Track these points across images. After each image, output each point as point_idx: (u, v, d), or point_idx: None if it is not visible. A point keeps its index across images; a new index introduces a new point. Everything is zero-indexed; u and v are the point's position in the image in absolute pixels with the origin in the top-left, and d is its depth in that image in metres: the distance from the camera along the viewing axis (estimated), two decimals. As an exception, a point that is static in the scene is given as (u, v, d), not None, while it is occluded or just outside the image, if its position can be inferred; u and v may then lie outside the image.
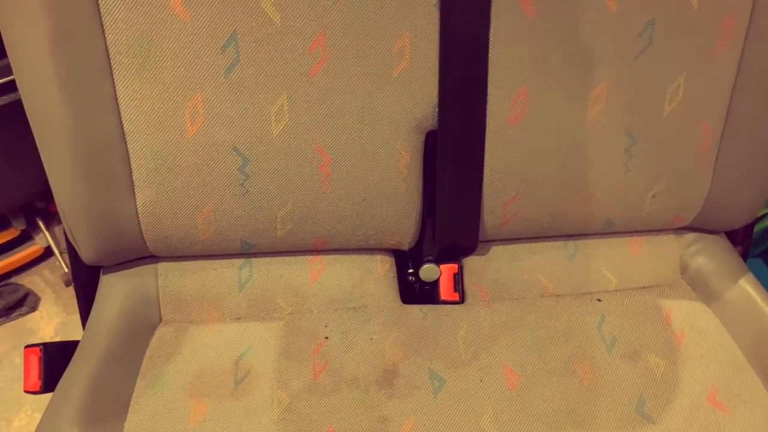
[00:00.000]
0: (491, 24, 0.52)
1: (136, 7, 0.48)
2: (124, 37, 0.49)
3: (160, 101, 0.52)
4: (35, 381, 0.57)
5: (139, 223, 0.56)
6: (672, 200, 0.61)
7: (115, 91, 0.51)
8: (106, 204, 0.55)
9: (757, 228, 0.95)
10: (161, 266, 0.62)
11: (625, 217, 0.62)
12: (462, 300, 0.64)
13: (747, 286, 0.62)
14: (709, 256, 0.65)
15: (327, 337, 0.60)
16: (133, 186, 0.55)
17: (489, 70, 0.53)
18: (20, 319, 1.11)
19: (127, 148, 0.53)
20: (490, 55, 0.53)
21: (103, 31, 0.49)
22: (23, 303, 1.12)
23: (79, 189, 0.54)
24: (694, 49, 0.54)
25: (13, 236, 1.13)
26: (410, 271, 0.66)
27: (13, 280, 1.16)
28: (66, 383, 0.54)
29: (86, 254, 0.58)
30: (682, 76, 0.55)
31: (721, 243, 0.66)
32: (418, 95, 0.54)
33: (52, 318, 1.11)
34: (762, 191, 0.61)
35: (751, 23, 0.54)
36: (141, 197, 0.55)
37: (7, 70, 0.88)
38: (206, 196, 0.56)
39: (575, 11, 0.52)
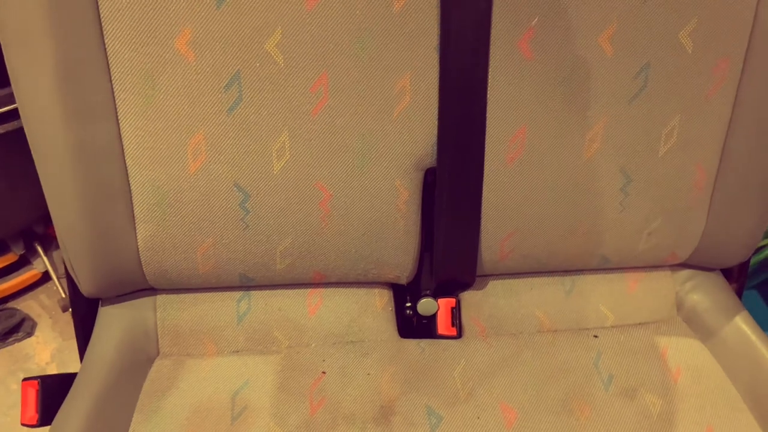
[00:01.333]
0: (490, 65, 0.53)
1: (141, 48, 0.49)
2: (129, 75, 0.50)
3: (163, 138, 0.52)
4: (32, 414, 0.56)
5: (139, 256, 0.57)
6: (667, 238, 0.61)
7: (118, 127, 0.52)
8: (108, 238, 0.55)
9: (753, 260, 0.95)
10: (160, 298, 0.62)
11: (620, 254, 0.62)
12: (459, 335, 0.64)
13: (742, 324, 0.62)
14: (705, 293, 0.65)
15: (324, 372, 0.60)
16: (134, 220, 0.55)
17: (487, 110, 0.54)
18: (17, 344, 1.10)
19: (129, 183, 0.54)
20: (488, 95, 0.54)
21: (109, 69, 0.50)
22: (20, 328, 1.11)
23: (81, 223, 0.54)
24: (688, 92, 0.55)
25: (12, 261, 1.13)
26: (408, 305, 0.67)
27: (10, 304, 1.15)
28: (63, 417, 0.54)
29: (86, 287, 0.58)
30: (676, 118, 0.56)
31: (716, 280, 0.67)
32: (417, 134, 0.55)
33: (49, 343, 1.11)
34: (756, 230, 0.62)
35: (745, 67, 0.55)
36: (142, 231, 0.55)
37: (9, 99, 0.89)
38: (207, 230, 0.56)
39: (572, 54, 0.53)
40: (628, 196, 0.59)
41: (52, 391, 0.57)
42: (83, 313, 0.65)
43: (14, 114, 0.89)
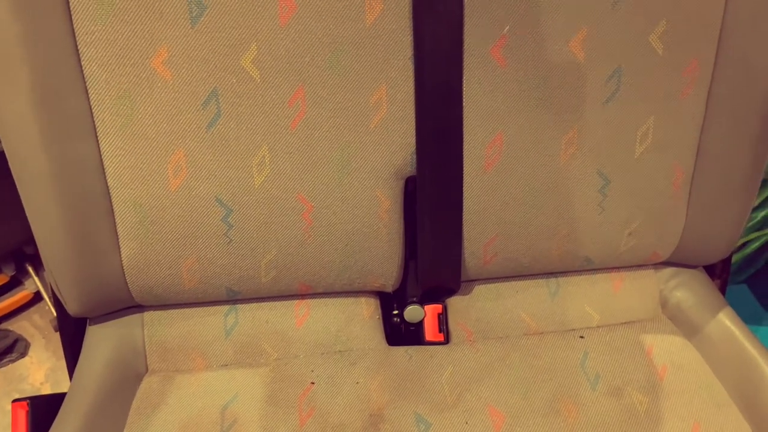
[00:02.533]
0: (464, 74, 0.53)
1: (118, 69, 0.50)
2: (107, 96, 0.51)
3: (144, 156, 0.53)
4: (22, 436, 0.57)
5: (124, 274, 0.57)
6: (648, 237, 0.62)
7: (99, 148, 0.52)
8: (92, 257, 0.55)
9: (738, 256, 0.96)
10: (147, 315, 0.62)
11: (603, 254, 0.63)
12: (447, 340, 0.65)
13: (726, 320, 0.63)
14: (688, 290, 0.66)
15: (313, 383, 0.60)
16: (117, 239, 0.55)
17: (464, 118, 0.55)
18: (10, 365, 1.10)
19: (111, 203, 0.54)
20: (464, 103, 0.54)
21: (87, 90, 0.50)
22: (13, 349, 1.11)
23: (65, 243, 0.54)
24: (661, 94, 0.56)
25: (3, 282, 1.13)
26: (395, 312, 0.67)
27: (2, 325, 1.15)
28: (52, 437, 0.54)
29: (72, 307, 0.58)
30: (651, 119, 0.57)
31: (700, 277, 0.67)
32: (396, 143, 0.56)
33: (42, 363, 1.11)
34: (736, 226, 0.63)
35: (715, 68, 0.56)
36: (126, 250, 0.56)
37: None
38: (190, 246, 0.57)
39: (544, 60, 0.54)
40: (607, 198, 0.60)
41: (42, 412, 0.57)
42: (71, 333, 0.65)
43: None
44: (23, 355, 1.12)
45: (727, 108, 0.57)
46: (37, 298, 1.18)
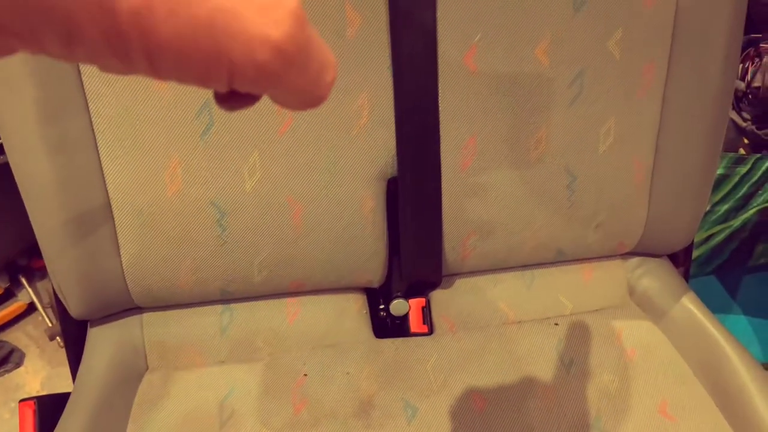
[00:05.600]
0: (439, 81, 0.58)
1: (117, 83, 0.53)
2: (107, 110, 0.54)
3: (142, 165, 0.56)
4: (30, 433, 0.59)
5: (125, 277, 0.60)
6: (614, 229, 0.67)
7: (99, 158, 0.56)
8: (93, 261, 0.59)
9: (705, 248, 1.02)
10: (146, 317, 0.65)
11: (573, 246, 0.67)
12: (431, 331, 0.68)
13: (689, 304, 0.68)
14: (654, 278, 0.71)
15: (306, 375, 0.64)
16: (118, 243, 0.59)
17: (440, 122, 0.59)
18: (7, 375, 1.12)
19: (111, 209, 0.57)
20: (440, 108, 0.59)
21: (88, 105, 0.54)
22: (9, 359, 1.13)
23: (68, 249, 0.57)
24: (620, 95, 0.61)
25: (-3, 294, 1.15)
26: (381, 307, 0.71)
27: (-3, 337, 1.17)
28: (60, 433, 0.57)
29: (75, 310, 0.61)
30: (612, 119, 0.62)
31: (664, 265, 0.72)
32: (377, 147, 0.60)
33: (38, 373, 1.13)
34: (695, 217, 0.68)
35: (669, 70, 0.61)
36: (126, 253, 0.59)
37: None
38: (187, 248, 0.60)
39: (513, 67, 0.58)
40: (575, 193, 0.64)
41: (49, 410, 0.60)
42: (73, 336, 0.68)
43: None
44: (19, 365, 1.14)
45: (680, 107, 0.62)
46: (30, 309, 1.20)
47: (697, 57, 0.60)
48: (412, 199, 0.62)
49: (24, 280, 1.17)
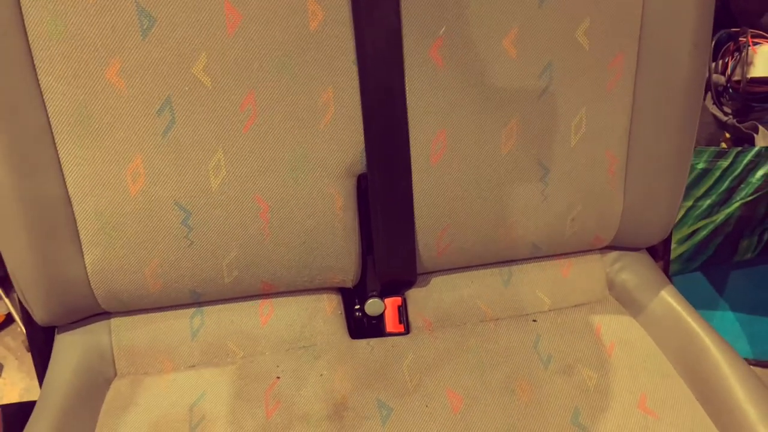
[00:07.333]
0: (406, 75, 0.57)
1: (74, 81, 0.52)
2: (65, 108, 0.53)
3: (102, 164, 0.55)
4: (-7, 443, 0.58)
5: (89, 281, 0.59)
6: (590, 222, 0.66)
7: (58, 158, 0.54)
8: (56, 265, 0.57)
9: (689, 244, 1.01)
10: (114, 321, 0.64)
11: (549, 240, 0.66)
12: (407, 331, 0.67)
13: (669, 297, 0.67)
14: (633, 272, 0.70)
15: (279, 377, 0.62)
16: (80, 246, 0.57)
17: (408, 116, 0.58)
18: (-17, 388, 1.10)
19: (73, 210, 0.56)
20: (408, 102, 0.58)
21: (44, 103, 0.53)
22: (-14, 372, 1.11)
23: (28, 252, 0.56)
24: (590, 86, 0.60)
25: (-26, 306, 1.13)
26: (357, 307, 0.70)
27: (-26, 349, 1.15)
28: (23, 442, 0.55)
29: (39, 315, 0.60)
30: (583, 110, 0.61)
31: (643, 259, 0.71)
32: (345, 142, 0.59)
33: (16, 384, 1.11)
34: (671, 209, 0.67)
35: (639, 61, 0.60)
36: (89, 256, 0.58)
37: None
38: (152, 250, 0.59)
39: (480, 59, 0.57)
40: (548, 186, 0.63)
41: (15, 419, 0.59)
42: (41, 345, 0.66)
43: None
44: (-4, 377, 1.12)
45: (652, 98, 0.61)
46: (8, 320, 1.18)
47: (666, 45, 0.59)
48: (382, 195, 0.61)
49: (1, 291, 1.15)
